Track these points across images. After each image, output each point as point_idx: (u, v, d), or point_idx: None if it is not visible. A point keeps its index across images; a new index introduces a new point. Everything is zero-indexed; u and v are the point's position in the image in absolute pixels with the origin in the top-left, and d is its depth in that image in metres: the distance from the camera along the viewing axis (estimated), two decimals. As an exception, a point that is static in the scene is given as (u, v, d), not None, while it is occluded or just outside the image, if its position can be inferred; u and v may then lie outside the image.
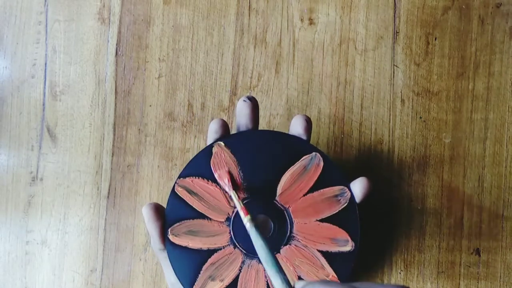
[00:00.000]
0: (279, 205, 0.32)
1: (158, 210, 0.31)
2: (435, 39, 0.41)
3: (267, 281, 0.32)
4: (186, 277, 0.31)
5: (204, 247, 0.32)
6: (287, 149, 0.32)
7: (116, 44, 0.41)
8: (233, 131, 0.38)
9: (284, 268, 0.29)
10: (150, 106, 0.41)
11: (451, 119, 0.41)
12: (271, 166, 0.32)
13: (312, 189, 0.32)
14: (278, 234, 0.32)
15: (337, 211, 0.32)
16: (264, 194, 0.32)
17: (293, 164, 0.32)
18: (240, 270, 0.32)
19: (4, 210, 0.41)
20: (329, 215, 0.32)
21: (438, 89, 0.41)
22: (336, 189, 0.32)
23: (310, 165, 0.32)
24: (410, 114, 0.41)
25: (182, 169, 0.32)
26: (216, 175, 0.32)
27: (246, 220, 0.29)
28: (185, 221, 0.32)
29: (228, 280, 0.31)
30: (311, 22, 0.41)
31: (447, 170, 0.40)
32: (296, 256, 0.32)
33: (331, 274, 0.32)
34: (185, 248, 0.31)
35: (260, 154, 0.32)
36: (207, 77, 0.41)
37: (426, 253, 0.40)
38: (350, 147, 0.40)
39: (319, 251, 0.32)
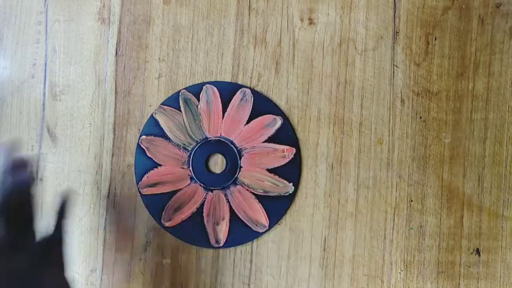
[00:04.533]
0: (227, 142, 0.40)
1: None
2: (435, 39, 0.41)
3: (229, 203, 0.40)
4: (157, 214, 0.40)
5: (170, 189, 0.40)
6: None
7: (116, 44, 0.41)
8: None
9: None
10: (150, 106, 0.41)
11: (451, 119, 0.41)
12: None
13: (249, 120, 0.40)
14: (229, 171, 0.40)
15: (272, 134, 0.40)
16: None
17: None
18: (205, 198, 0.40)
19: (4, 210, 0.41)
20: (267, 137, 0.40)
21: (438, 89, 0.41)
22: (269, 117, 0.40)
23: (243, 100, 0.40)
24: (410, 114, 0.41)
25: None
26: None
27: None
28: (150, 172, 0.40)
29: (192, 209, 0.40)
30: (311, 22, 0.41)
31: (447, 170, 0.41)
32: (238, 194, 0.40)
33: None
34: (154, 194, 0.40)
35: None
36: (207, 77, 0.41)
37: (426, 253, 0.40)
38: (350, 147, 0.41)
39: (258, 194, 0.40)
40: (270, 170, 0.40)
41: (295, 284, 0.40)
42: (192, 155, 0.40)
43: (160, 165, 0.40)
